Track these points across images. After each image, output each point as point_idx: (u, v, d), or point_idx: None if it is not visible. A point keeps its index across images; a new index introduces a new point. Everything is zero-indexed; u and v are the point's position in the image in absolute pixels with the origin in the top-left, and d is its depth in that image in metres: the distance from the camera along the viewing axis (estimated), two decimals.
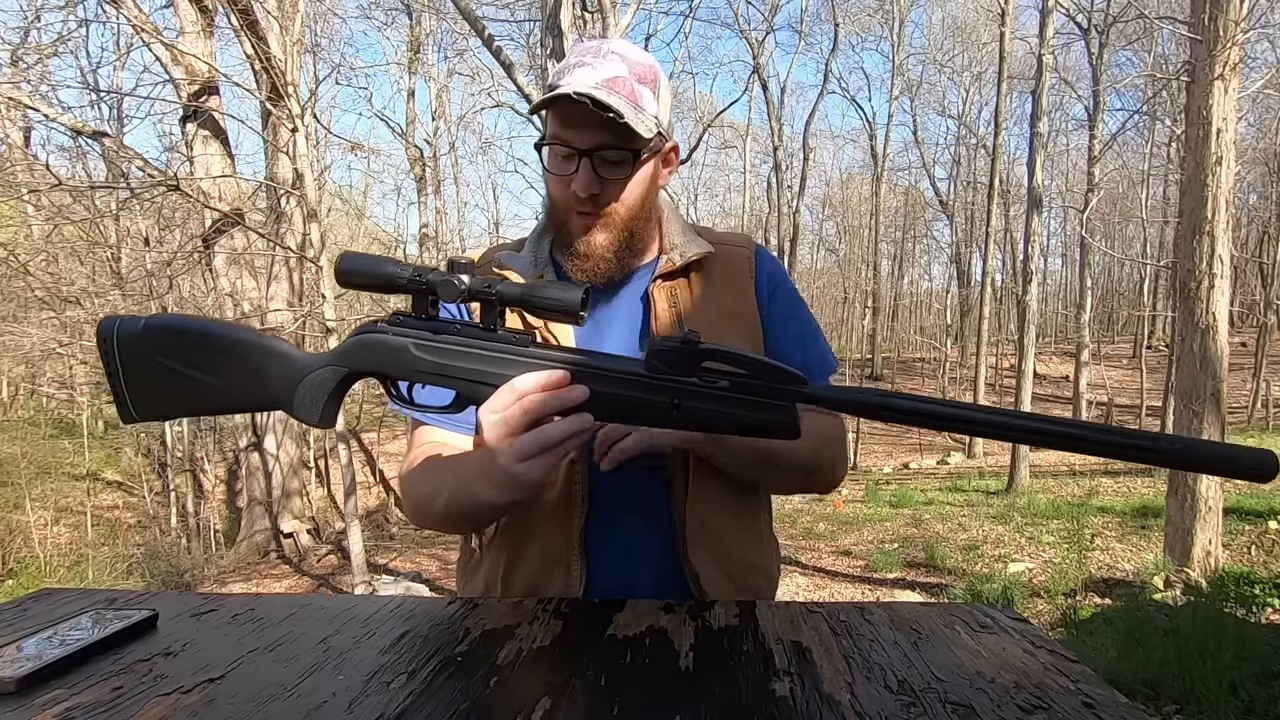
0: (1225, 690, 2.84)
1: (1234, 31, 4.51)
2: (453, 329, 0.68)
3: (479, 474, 0.71)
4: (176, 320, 0.71)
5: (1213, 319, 4.66)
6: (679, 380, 0.64)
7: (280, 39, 6.14)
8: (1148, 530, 6.14)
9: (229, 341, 0.69)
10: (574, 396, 0.64)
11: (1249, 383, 15.74)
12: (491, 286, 0.66)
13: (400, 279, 0.66)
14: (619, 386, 0.65)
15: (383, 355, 0.69)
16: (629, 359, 0.67)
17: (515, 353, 0.67)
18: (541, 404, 0.64)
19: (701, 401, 0.63)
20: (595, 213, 0.85)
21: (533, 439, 0.64)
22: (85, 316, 8.14)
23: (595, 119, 0.79)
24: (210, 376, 0.69)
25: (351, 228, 19.52)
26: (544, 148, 0.85)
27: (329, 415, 0.71)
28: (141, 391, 0.69)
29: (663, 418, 0.64)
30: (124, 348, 0.68)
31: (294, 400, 0.69)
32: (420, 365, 0.68)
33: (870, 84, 36.32)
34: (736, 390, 0.63)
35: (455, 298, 0.65)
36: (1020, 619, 0.72)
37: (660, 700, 0.54)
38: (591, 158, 0.81)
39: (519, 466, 0.65)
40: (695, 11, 14.47)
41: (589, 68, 0.81)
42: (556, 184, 0.85)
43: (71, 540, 9.99)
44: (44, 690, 0.56)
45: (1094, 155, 13.22)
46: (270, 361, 0.69)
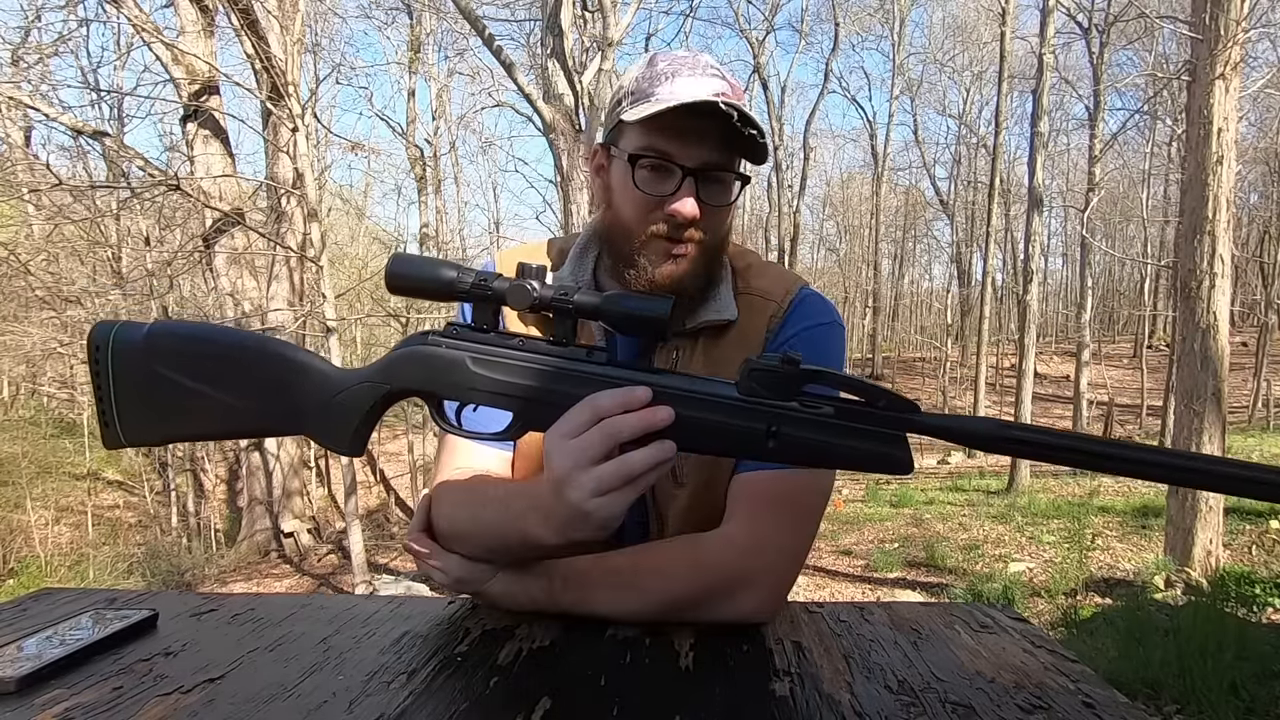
0: (1226, 690, 2.84)
1: (1235, 31, 4.51)
2: (517, 342, 0.60)
3: (535, 510, 0.61)
4: (185, 326, 0.63)
5: (1213, 318, 4.65)
6: (778, 405, 0.55)
7: (280, 39, 6.14)
8: (1148, 530, 6.14)
9: (244, 351, 0.61)
10: (660, 418, 0.55)
11: (1249, 382, 15.73)
12: (569, 295, 0.58)
13: (461, 285, 0.58)
14: (709, 410, 0.56)
15: (432, 371, 0.60)
16: (718, 380, 0.58)
17: (591, 370, 0.58)
18: (625, 426, 0.54)
19: (803, 430, 0.55)
20: (683, 240, 0.75)
21: (614, 469, 0.55)
22: (85, 316, 8.14)
23: (704, 134, 0.72)
24: (221, 393, 0.60)
25: (352, 227, 19.52)
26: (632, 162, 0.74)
27: (360, 442, 0.61)
28: (134, 410, 0.60)
29: (757, 447, 0.56)
30: (120, 357, 0.59)
31: (320, 422, 0.61)
32: (477, 383, 0.59)
33: (870, 84, 36.27)
34: (842, 417, 0.55)
35: (527, 306, 0.58)
36: (1020, 619, 0.72)
37: (660, 700, 0.54)
38: (696, 178, 0.73)
39: (595, 502, 0.55)
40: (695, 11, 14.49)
41: (692, 79, 0.73)
42: (644, 204, 0.74)
43: (72, 540, 9.99)
44: (44, 690, 0.56)
45: (1094, 155, 13.22)
46: (293, 377, 0.60)
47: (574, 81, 6.32)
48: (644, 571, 0.71)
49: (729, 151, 0.74)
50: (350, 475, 6.27)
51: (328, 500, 11.03)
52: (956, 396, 19.96)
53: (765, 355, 0.56)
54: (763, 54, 19.69)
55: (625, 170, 0.74)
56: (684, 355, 0.81)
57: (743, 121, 0.70)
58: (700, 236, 0.75)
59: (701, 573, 0.70)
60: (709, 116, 0.70)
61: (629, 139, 0.75)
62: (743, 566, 0.71)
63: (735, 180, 0.77)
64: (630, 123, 0.73)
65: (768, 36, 19.96)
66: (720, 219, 0.77)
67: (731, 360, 0.78)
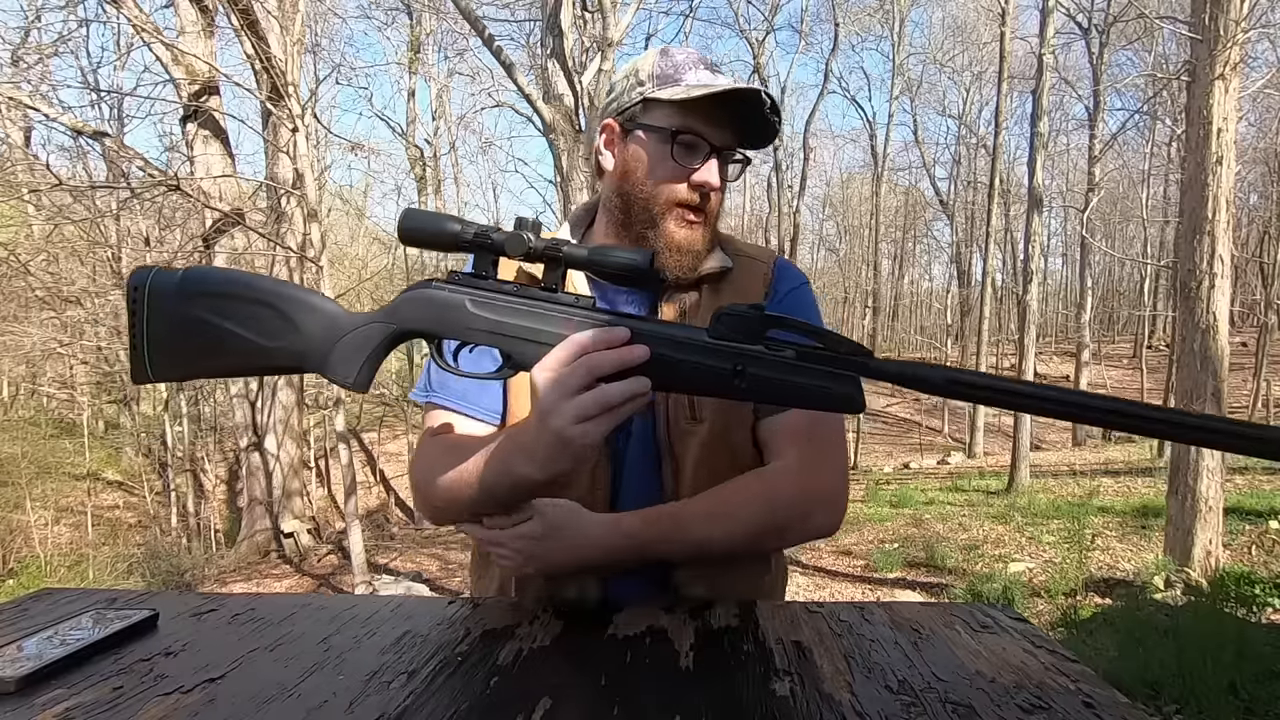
0: (1225, 690, 2.84)
1: (1234, 31, 4.51)
2: (511, 287, 0.66)
3: (517, 448, 0.67)
4: (216, 271, 0.69)
5: (1213, 319, 4.65)
6: (745, 347, 0.61)
7: (280, 39, 6.14)
8: (1148, 530, 6.14)
9: (270, 294, 0.66)
10: (636, 355, 0.61)
11: (1249, 382, 15.72)
12: (559, 246, 0.65)
13: (465, 236, 0.65)
14: (681, 350, 0.62)
15: (436, 311, 0.66)
16: (692, 326, 0.65)
17: (576, 313, 0.64)
18: (603, 361, 0.61)
19: (766, 369, 0.61)
20: (700, 208, 0.86)
21: (593, 398, 0.60)
22: (85, 316, 8.15)
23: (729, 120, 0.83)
24: (244, 330, 0.65)
25: (352, 228, 19.52)
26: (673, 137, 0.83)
27: (365, 376, 0.67)
28: (164, 348, 0.66)
29: (725, 386, 0.62)
30: (155, 298, 0.65)
31: (331, 357, 0.66)
32: (474, 323, 0.65)
33: (870, 84, 36.31)
34: (802, 359, 0.61)
35: (522, 254, 0.64)
36: (1020, 619, 0.72)
37: (660, 700, 0.54)
38: (719, 156, 0.84)
39: (576, 429, 0.61)
40: (695, 11, 14.50)
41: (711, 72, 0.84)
42: (674, 173, 0.84)
43: (72, 540, 9.99)
44: (44, 690, 0.56)
45: (1094, 155, 13.22)
46: (311, 316, 0.66)
47: (574, 82, 6.32)
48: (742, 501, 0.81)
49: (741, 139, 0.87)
50: (350, 475, 6.27)
51: (328, 500, 11.03)
52: None
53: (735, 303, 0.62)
54: (762, 54, 19.70)
55: (661, 144, 0.84)
56: (689, 303, 0.90)
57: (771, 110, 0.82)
58: (712, 206, 0.87)
59: (777, 503, 0.82)
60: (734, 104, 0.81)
61: (660, 116, 0.84)
62: (809, 491, 0.84)
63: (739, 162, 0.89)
64: (666, 101, 0.83)
65: (767, 37, 19.95)
66: (724, 193, 0.90)
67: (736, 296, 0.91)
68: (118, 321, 9.06)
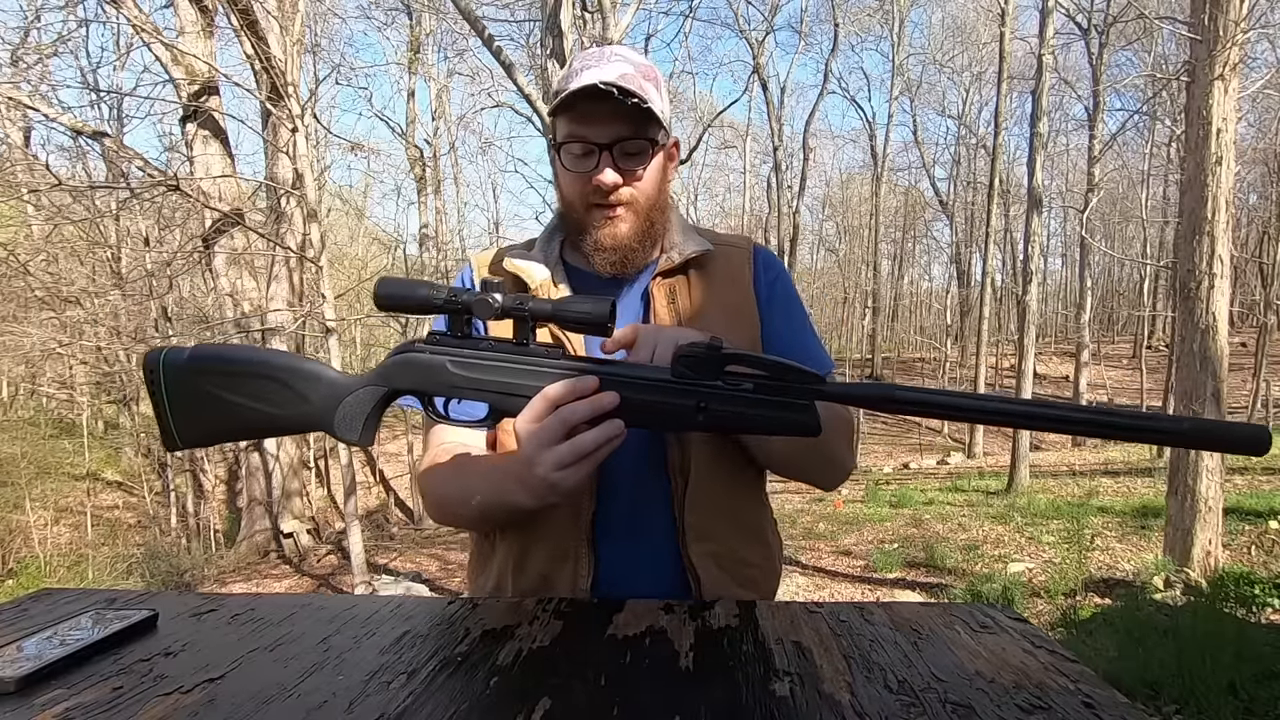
0: (1225, 690, 2.84)
1: (1234, 31, 4.51)
2: (486, 345, 0.71)
3: (513, 481, 0.72)
4: (222, 349, 0.75)
5: (1213, 319, 4.65)
6: (704, 384, 0.66)
7: (280, 39, 6.14)
8: (1148, 530, 6.14)
9: (272, 367, 0.72)
10: (606, 403, 0.66)
11: (1249, 383, 15.73)
12: (524, 304, 0.69)
13: (436, 300, 0.69)
14: (647, 392, 0.67)
15: (421, 373, 0.71)
16: (655, 366, 0.70)
17: (547, 365, 0.69)
18: (575, 412, 0.66)
19: (727, 404, 0.65)
20: (616, 204, 0.87)
21: (569, 449, 0.66)
22: (85, 316, 8.15)
23: (611, 114, 0.82)
24: (255, 402, 0.71)
25: (351, 228, 19.52)
26: (559, 150, 0.86)
27: (369, 433, 0.74)
28: (187, 419, 0.72)
29: (689, 421, 0.66)
30: (170, 377, 0.71)
31: (335, 421, 0.72)
32: (457, 381, 0.71)
33: (870, 84, 36.36)
34: (760, 392, 0.65)
35: (490, 315, 0.68)
36: (1020, 619, 0.72)
37: (660, 700, 0.54)
38: (611, 151, 0.84)
39: (557, 475, 0.67)
40: (695, 11, 14.47)
41: (596, 69, 0.83)
42: (575, 181, 0.87)
43: (71, 540, 9.99)
44: (44, 690, 0.56)
45: (1094, 155, 13.22)
46: (312, 385, 0.72)
47: None
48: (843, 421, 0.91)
49: (637, 124, 0.84)
50: (350, 476, 6.27)
51: (327, 501, 11.03)
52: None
53: (693, 343, 0.67)
54: (762, 54, 19.69)
55: (559, 157, 0.87)
56: (680, 287, 0.92)
57: (623, 94, 0.79)
58: (630, 196, 0.87)
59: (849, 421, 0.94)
60: (608, 99, 0.80)
61: (559, 129, 0.87)
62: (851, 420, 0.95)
63: (651, 146, 0.86)
64: (554, 117, 0.86)
65: (767, 37, 19.95)
66: (647, 181, 0.88)
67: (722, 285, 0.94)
68: (117, 321, 9.06)
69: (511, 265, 0.92)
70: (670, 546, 0.86)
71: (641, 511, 0.87)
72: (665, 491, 0.87)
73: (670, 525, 0.86)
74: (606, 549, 0.86)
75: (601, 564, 0.85)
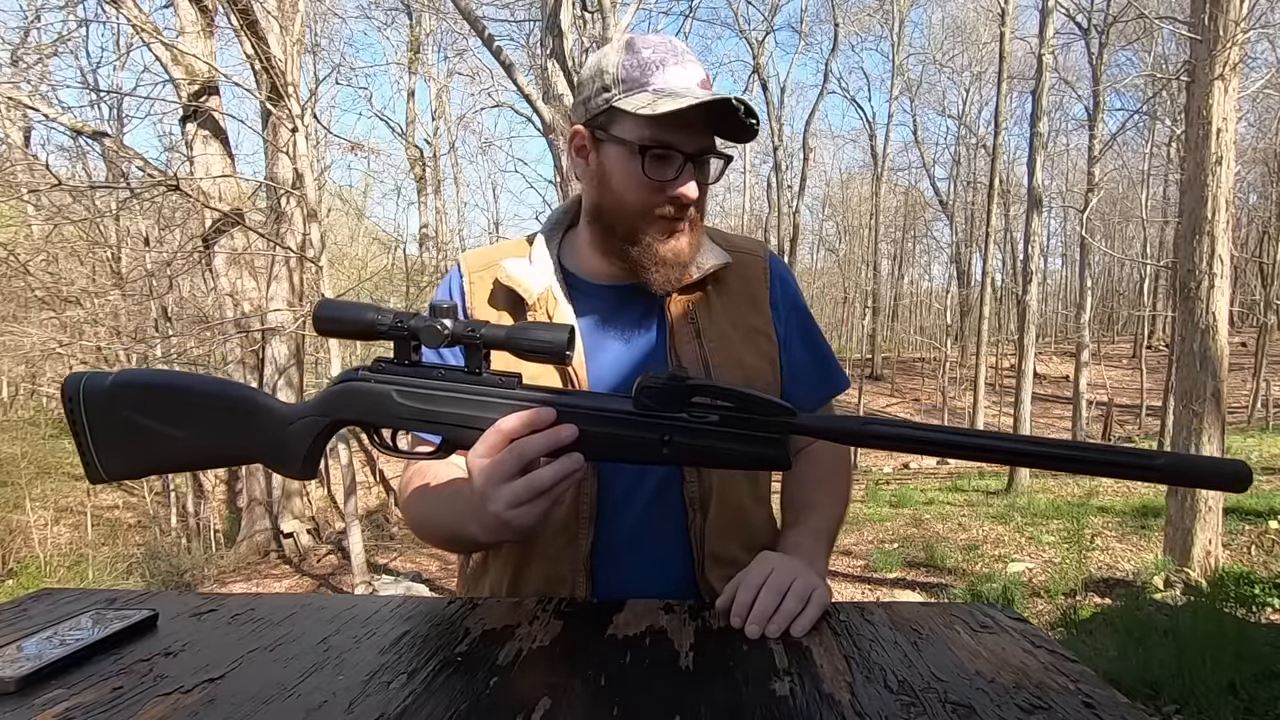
0: (1225, 690, 2.84)
1: (1234, 31, 4.51)
2: (436, 374, 0.66)
3: (469, 514, 0.67)
4: (145, 375, 0.69)
5: (1213, 319, 4.65)
6: (668, 417, 0.62)
7: (280, 39, 6.14)
8: (1148, 530, 6.14)
9: (200, 395, 0.67)
10: (563, 436, 0.62)
11: (1249, 383, 15.73)
12: (476, 331, 0.64)
13: (380, 326, 0.65)
14: (608, 425, 0.63)
15: (364, 403, 0.66)
16: (617, 396, 0.66)
17: (501, 395, 0.65)
18: (531, 446, 0.62)
19: (692, 437, 0.62)
20: (683, 218, 0.82)
21: (524, 485, 0.62)
22: (85, 316, 8.14)
23: (705, 124, 0.78)
24: (182, 431, 0.66)
25: (351, 228, 19.50)
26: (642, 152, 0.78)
27: (310, 466, 0.68)
28: (110, 450, 0.66)
29: (653, 454, 0.63)
30: (91, 405, 0.65)
31: (273, 452, 0.67)
32: (403, 412, 0.66)
33: (870, 84, 36.44)
34: (727, 424, 0.62)
35: (439, 343, 0.64)
36: (1020, 619, 0.72)
37: (660, 700, 0.54)
38: (694, 162, 0.80)
39: (511, 513, 0.62)
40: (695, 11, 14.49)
41: (679, 68, 0.79)
42: (646, 188, 0.80)
43: (71, 540, 9.99)
44: (44, 690, 0.56)
45: (1094, 155, 13.22)
46: (245, 414, 0.67)
47: (574, 82, 6.31)
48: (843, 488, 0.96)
49: (714, 135, 0.82)
50: (350, 476, 6.27)
51: (327, 501, 11.02)
52: (956, 397, 19.95)
53: (655, 374, 0.63)
54: (762, 54, 19.70)
55: (630, 158, 0.79)
56: (697, 304, 0.89)
57: (747, 113, 0.76)
58: (694, 213, 0.84)
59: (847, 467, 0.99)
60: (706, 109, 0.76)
61: (628, 127, 0.79)
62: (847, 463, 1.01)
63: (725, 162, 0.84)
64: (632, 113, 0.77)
65: (767, 37, 19.97)
66: (707, 195, 0.86)
67: (741, 304, 0.91)
68: (117, 321, 9.05)
69: (508, 279, 0.86)
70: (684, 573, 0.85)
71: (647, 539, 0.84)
72: (679, 522, 0.84)
73: (685, 553, 0.84)
74: (605, 574, 0.83)
75: (598, 588, 0.83)
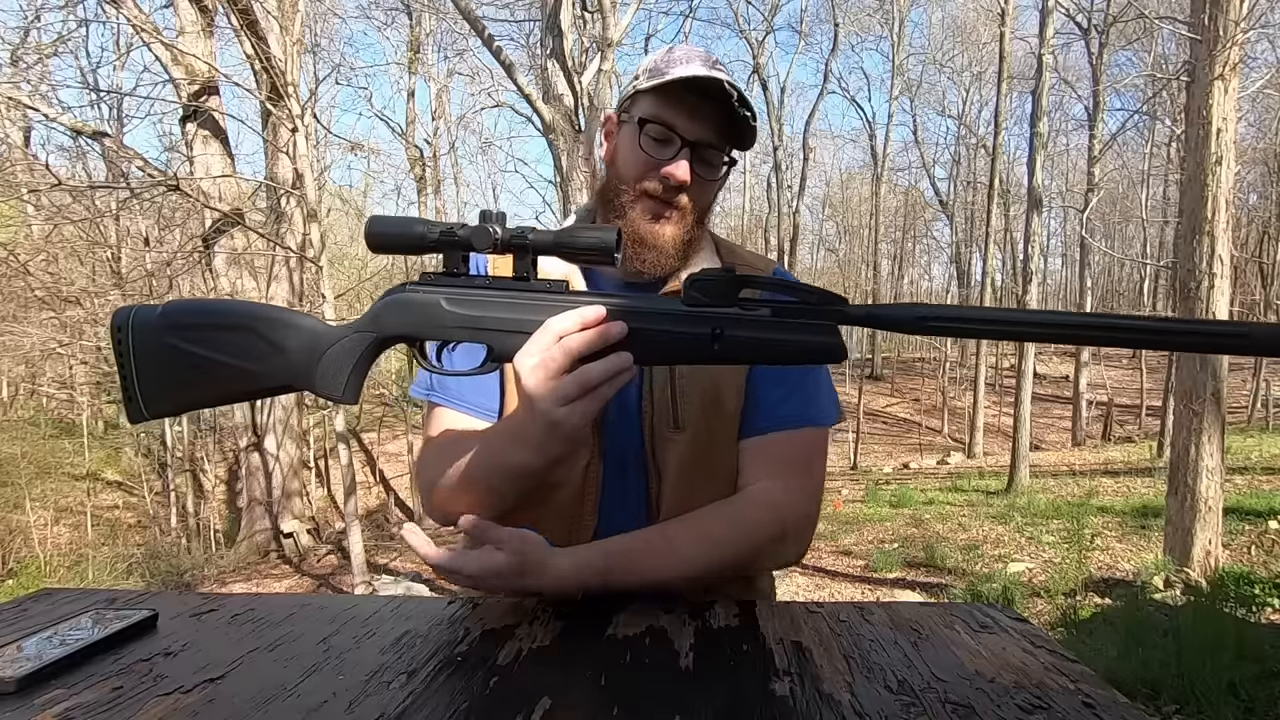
0: (1225, 690, 2.83)
1: (1234, 31, 4.51)
2: (484, 281, 0.66)
3: (510, 437, 0.68)
4: (195, 302, 0.70)
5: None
6: (719, 311, 0.62)
7: (280, 39, 6.14)
8: (1148, 530, 6.14)
9: (249, 318, 0.67)
10: (614, 332, 0.62)
11: (1249, 383, 15.74)
12: (525, 234, 0.64)
13: (430, 236, 0.65)
14: (658, 321, 0.62)
15: (414, 314, 0.66)
16: (667, 298, 0.66)
17: (551, 299, 0.65)
18: (582, 342, 0.61)
19: (744, 329, 0.61)
20: (672, 203, 0.83)
21: (574, 380, 0.61)
22: (85, 316, 8.14)
23: (709, 114, 0.80)
24: (230, 357, 0.66)
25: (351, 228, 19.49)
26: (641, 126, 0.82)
27: (353, 388, 0.67)
28: (155, 384, 0.66)
29: (704, 351, 0.62)
30: (139, 336, 0.66)
31: (318, 375, 0.66)
32: (452, 320, 0.65)
33: (870, 84, 36.50)
34: (778, 315, 0.61)
35: (489, 247, 0.64)
36: (1020, 619, 0.72)
37: (660, 700, 0.54)
38: (693, 149, 0.81)
39: (561, 411, 0.62)
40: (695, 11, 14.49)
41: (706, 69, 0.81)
42: (643, 163, 0.82)
43: (71, 540, 10.00)
44: (44, 690, 0.56)
45: (1094, 155, 13.23)
46: (291, 334, 0.67)
47: (573, 82, 6.32)
48: (692, 540, 0.78)
49: (723, 136, 0.83)
50: (350, 475, 6.27)
51: (327, 500, 11.03)
52: (956, 397, 19.96)
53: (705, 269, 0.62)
54: (762, 54, 19.71)
55: (633, 132, 0.83)
56: None
57: (740, 103, 0.78)
58: (686, 203, 0.84)
59: (748, 533, 0.80)
60: (711, 99, 0.79)
61: (641, 107, 0.83)
62: (781, 520, 0.81)
63: (724, 162, 0.85)
64: (644, 91, 0.82)
65: (767, 37, 19.99)
66: (705, 191, 0.86)
67: None
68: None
69: None
70: None
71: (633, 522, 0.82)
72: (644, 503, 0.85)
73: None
74: None
75: None
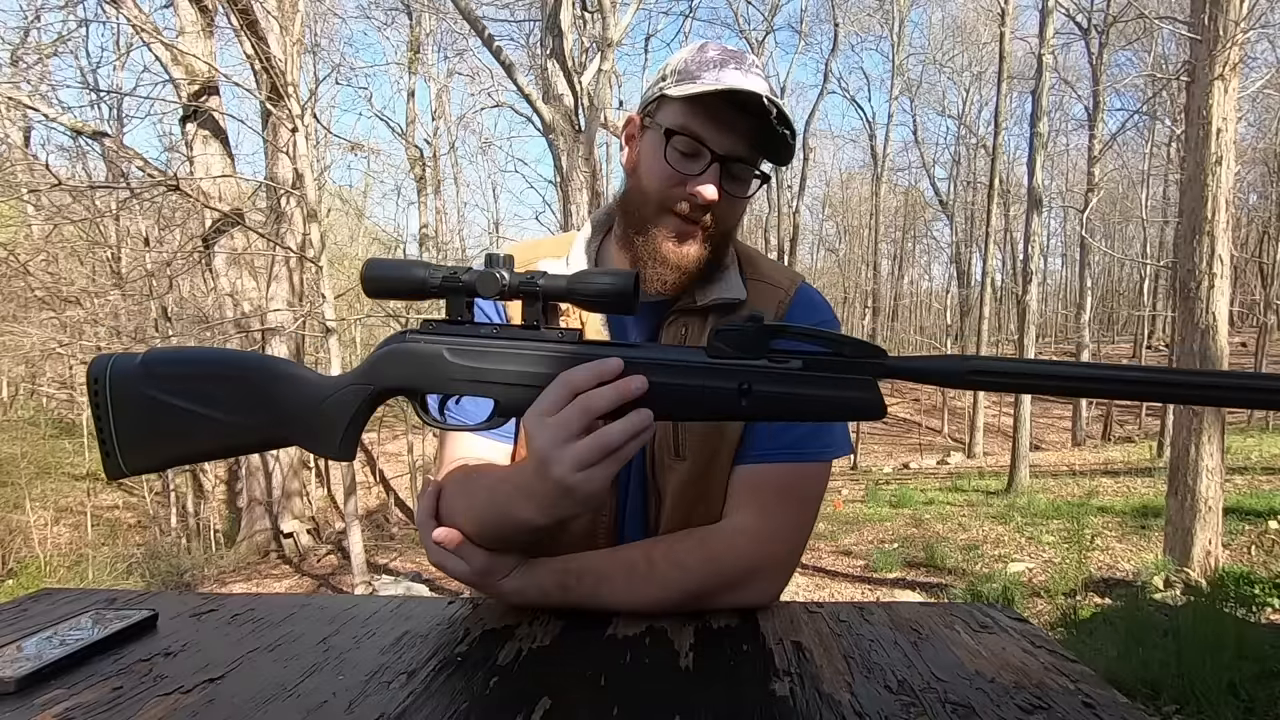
0: (1225, 690, 2.84)
1: (1234, 31, 4.51)
2: (490, 330, 0.61)
3: (517, 491, 0.62)
4: (176, 351, 0.64)
5: (1213, 319, 4.65)
6: (747, 364, 0.56)
7: (280, 39, 6.14)
8: (1148, 530, 6.14)
9: (237, 368, 0.62)
10: (633, 388, 0.56)
11: None
12: (535, 279, 0.59)
13: (432, 282, 0.59)
14: (681, 375, 0.57)
15: (414, 365, 0.61)
16: (689, 348, 0.60)
17: (564, 350, 0.59)
18: (602, 400, 0.56)
19: (774, 384, 0.56)
20: (697, 221, 0.77)
21: (594, 443, 0.55)
22: (85, 316, 8.14)
23: (743, 128, 0.74)
24: (216, 411, 0.61)
25: (351, 228, 19.51)
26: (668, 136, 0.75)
27: (349, 444, 0.62)
28: (134, 438, 0.61)
29: (731, 407, 0.57)
30: (117, 387, 0.60)
31: (310, 430, 0.61)
32: (455, 373, 0.60)
33: (870, 84, 36.43)
34: (811, 369, 0.56)
35: (496, 293, 0.58)
36: (1020, 619, 0.72)
37: (660, 700, 0.54)
38: (723, 164, 0.75)
39: (578, 476, 0.56)
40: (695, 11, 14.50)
41: (739, 72, 0.75)
42: (668, 177, 0.76)
43: (71, 540, 9.99)
44: (44, 690, 0.56)
45: (1094, 155, 13.23)
46: (285, 386, 0.61)
47: (573, 82, 6.32)
48: (659, 564, 0.72)
49: (756, 149, 0.77)
50: (350, 476, 6.27)
51: (327, 501, 11.02)
52: (956, 397, 19.95)
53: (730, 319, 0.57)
54: (762, 54, 19.70)
55: (658, 143, 0.76)
56: (692, 331, 0.81)
57: (779, 120, 0.72)
58: (711, 222, 0.77)
59: (717, 565, 0.73)
60: (746, 111, 0.73)
61: (668, 114, 0.77)
62: (756, 557, 0.74)
63: (755, 177, 0.79)
64: (672, 98, 0.75)
65: (767, 37, 19.99)
66: (735, 210, 0.80)
67: None
68: (117, 321, 9.05)
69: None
70: None
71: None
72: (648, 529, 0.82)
73: None
74: None
75: None
